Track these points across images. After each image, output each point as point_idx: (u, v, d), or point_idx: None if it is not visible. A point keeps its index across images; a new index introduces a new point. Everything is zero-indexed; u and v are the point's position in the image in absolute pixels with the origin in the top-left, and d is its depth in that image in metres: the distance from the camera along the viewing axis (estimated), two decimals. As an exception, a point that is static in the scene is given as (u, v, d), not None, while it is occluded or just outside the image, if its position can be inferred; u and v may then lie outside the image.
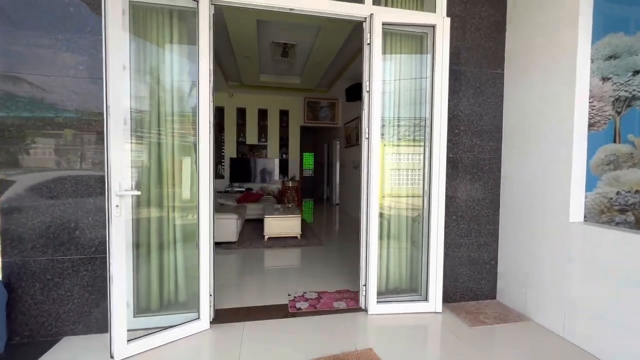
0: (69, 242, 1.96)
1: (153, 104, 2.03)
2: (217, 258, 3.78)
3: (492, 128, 2.50)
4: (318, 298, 2.57)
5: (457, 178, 2.46)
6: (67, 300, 1.97)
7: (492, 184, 2.52)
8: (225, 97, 7.40)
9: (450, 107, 2.38)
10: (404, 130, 2.45)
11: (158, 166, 2.05)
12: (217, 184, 7.44)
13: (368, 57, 2.23)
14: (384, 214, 2.42)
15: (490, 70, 2.48)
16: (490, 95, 2.49)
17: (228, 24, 3.96)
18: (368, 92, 2.26)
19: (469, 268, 2.52)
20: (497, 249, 2.55)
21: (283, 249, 4.19)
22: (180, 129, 2.14)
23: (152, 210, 2.10)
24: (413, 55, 2.41)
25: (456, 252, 2.49)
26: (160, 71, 2.04)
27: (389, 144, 2.41)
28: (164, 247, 2.11)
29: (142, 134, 2.03)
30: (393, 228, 2.47)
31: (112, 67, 1.64)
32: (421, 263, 2.45)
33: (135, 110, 2.01)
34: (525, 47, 2.31)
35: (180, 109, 2.12)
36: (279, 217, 4.57)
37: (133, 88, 1.96)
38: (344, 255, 3.91)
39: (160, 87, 2.04)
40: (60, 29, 1.90)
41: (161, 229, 2.09)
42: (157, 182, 2.08)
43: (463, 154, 2.46)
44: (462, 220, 2.49)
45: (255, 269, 3.37)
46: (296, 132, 7.99)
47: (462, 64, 2.43)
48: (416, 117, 2.43)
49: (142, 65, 2.02)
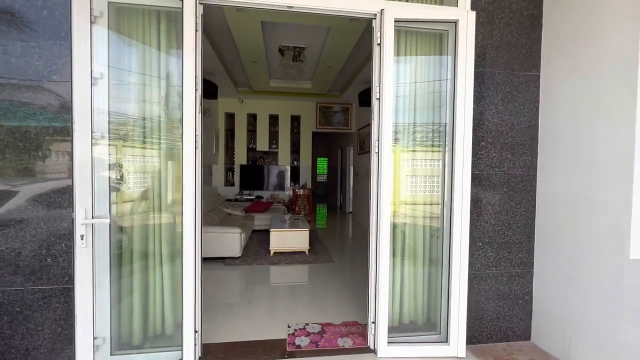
0: (40, 270, 1.76)
1: (138, 113, 1.82)
2: (218, 274, 3.56)
3: (525, 140, 2.13)
4: (321, 332, 2.27)
5: (484, 198, 2.10)
6: (38, 336, 1.77)
7: (525, 205, 2.14)
8: (235, 103, 7.26)
9: (475, 116, 2.04)
10: (420, 137, 2.13)
11: (145, 181, 1.83)
12: (227, 191, 7.30)
13: (378, 59, 1.93)
14: (396, 227, 2.12)
15: (523, 73, 2.11)
16: (523, 102, 2.12)
17: (232, 27, 3.76)
18: (378, 100, 1.96)
19: (498, 303, 2.15)
20: (532, 282, 2.17)
21: (289, 265, 3.91)
22: (169, 140, 1.92)
23: (135, 232, 1.89)
24: (431, 57, 2.09)
25: (483, 285, 2.13)
26: (147, 77, 1.82)
27: (405, 149, 2.11)
28: (148, 271, 1.89)
29: (125, 147, 1.82)
30: (408, 245, 2.15)
31: (78, 76, 1.43)
32: (440, 291, 2.11)
33: (117, 121, 1.80)
34: (568, 43, 1.94)
35: (168, 118, 1.90)
36: (285, 230, 4.30)
37: (116, 96, 1.76)
38: (355, 275, 3.58)
39: (147, 95, 1.83)
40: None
41: (146, 251, 1.87)
42: (144, 199, 1.86)
43: (490, 170, 2.10)
44: (490, 247, 2.12)
45: (256, 290, 3.11)
46: (308, 138, 7.74)
47: (489, 65, 2.08)
48: (434, 123, 2.11)
49: (126, 71, 1.81)
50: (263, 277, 3.51)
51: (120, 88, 1.80)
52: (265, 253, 4.34)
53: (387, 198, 1.95)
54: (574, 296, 1.88)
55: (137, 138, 1.87)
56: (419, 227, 2.18)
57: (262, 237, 5.18)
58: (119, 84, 1.81)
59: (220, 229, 3.94)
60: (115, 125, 1.80)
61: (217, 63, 4.79)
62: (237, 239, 3.93)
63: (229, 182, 7.45)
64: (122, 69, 1.81)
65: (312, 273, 3.69)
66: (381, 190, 1.94)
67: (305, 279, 3.57)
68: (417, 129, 2.13)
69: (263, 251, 4.43)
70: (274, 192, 7.53)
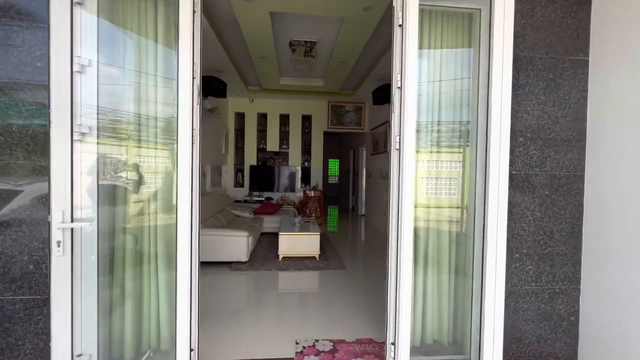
0: (21, 278, 1.59)
1: (130, 107, 1.64)
2: (223, 280, 3.36)
3: (571, 135, 1.84)
4: (333, 351, 2.03)
5: (522, 203, 1.82)
6: (18, 351, 1.59)
7: (571, 211, 1.85)
8: (245, 102, 7.12)
9: (512, 107, 1.76)
10: (445, 133, 1.87)
11: (138, 181, 1.64)
12: (236, 192, 7.15)
13: (400, 42, 1.68)
14: (418, 233, 1.86)
15: (569, 57, 1.82)
16: (568, 90, 1.83)
17: (240, 21, 3.58)
18: (399, 89, 1.71)
19: (538, 325, 1.85)
20: (579, 301, 1.86)
21: (298, 271, 3.69)
22: (166, 137, 1.73)
23: (127, 236, 1.70)
24: (459, 38, 1.83)
25: (520, 303, 1.84)
26: (141, 68, 1.63)
27: (423, 150, 1.85)
28: (142, 280, 1.70)
29: (114, 143, 1.64)
30: (431, 254, 1.89)
31: (56, 65, 1.24)
32: (471, 308, 1.84)
33: (108, 117, 1.62)
34: (621, 24, 1.65)
35: (164, 114, 1.71)
36: (295, 234, 4.08)
37: (106, 88, 1.58)
38: (369, 283, 3.32)
39: (141, 87, 1.64)
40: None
41: (139, 257, 1.68)
42: (138, 200, 1.67)
43: (529, 170, 1.82)
44: (529, 259, 1.84)
45: (262, 298, 2.90)
46: (319, 138, 7.52)
47: (529, 48, 1.80)
48: (461, 119, 1.85)
49: (119, 60, 1.63)
50: (270, 284, 3.30)
51: (110, 79, 1.62)
52: (273, 257, 4.13)
53: (409, 201, 1.70)
54: (629, 319, 1.57)
55: (130, 134, 1.68)
56: (444, 234, 1.92)
57: (271, 240, 4.98)
58: (109, 75, 1.63)
59: (226, 232, 3.75)
60: (105, 120, 1.62)
61: (225, 60, 4.63)
62: (244, 243, 3.73)
63: (238, 183, 7.30)
64: (113, 58, 1.63)
65: (322, 281, 3.45)
66: (402, 192, 1.69)
67: (316, 287, 3.34)
68: (442, 125, 1.87)
69: (271, 255, 4.22)
70: (284, 193, 7.34)
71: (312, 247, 4.08)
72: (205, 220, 4.04)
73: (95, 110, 1.56)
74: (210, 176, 5.75)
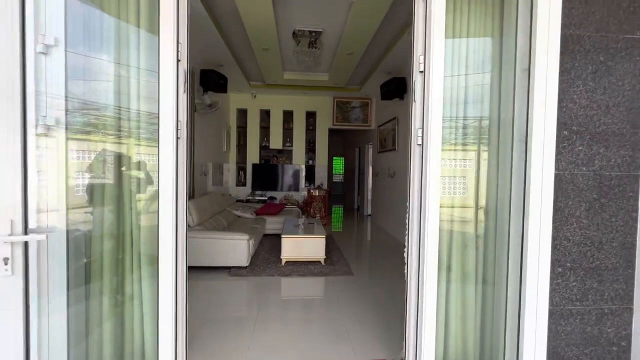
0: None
1: (107, 97, 1.39)
2: (221, 286, 3.13)
3: (624, 128, 1.56)
4: (341, 376, 1.78)
5: (565, 208, 1.54)
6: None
7: (623, 217, 1.57)
8: (248, 98, 6.88)
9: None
10: (469, 130, 1.60)
11: (116, 182, 1.40)
12: (238, 192, 6.93)
13: (423, 14, 1.42)
14: (441, 239, 1.59)
15: (624, 36, 1.54)
16: (622, 75, 1.55)
17: (240, 7, 3.32)
18: (422, 73, 1.45)
19: (584, 350, 1.58)
20: (632, 323, 1.59)
21: (302, 278, 3.44)
22: (149, 134, 1.48)
23: (104, 244, 1.46)
24: (490, 17, 1.56)
25: (562, 325, 1.57)
26: (121, 52, 1.39)
27: (447, 146, 1.59)
28: (124, 295, 1.46)
29: (88, 138, 1.40)
30: (454, 263, 1.62)
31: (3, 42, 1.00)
32: (504, 326, 1.58)
33: (80, 108, 1.39)
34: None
35: (147, 105, 1.46)
36: (299, 237, 3.83)
37: (75, 73, 1.35)
38: (379, 292, 3.06)
39: (120, 74, 1.40)
40: None
41: (119, 266, 1.44)
42: (111, 203, 1.44)
43: (575, 170, 1.54)
44: (573, 274, 1.56)
45: (263, 307, 2.66)
46: (324, 135, 7.26)
47: (576, 25, 1.52)
48: (493, 113, 1.57)
49: (91, 41, 1.39)
50: (272, 292, 3.05)
51: (78, 60, 1.38)
52: (276, 261, 3.88)
53: (434, 203, 1.44)
54: None
55: (106, 128, 1.44)
56: (470, 240, 1.65)
57: (274, 242, 4.74)
58: (80, 60, 1.39)
59: (225, 235, 3.52)
60: (76, 112, 1.38)
61: (225, 52, 4.39)
62: (245, 247, 3.49)
63: (240, 182, 7.07)
64: (83, 37, 1.39)
65: (328, 288, 3.20)
66: (426, 193, 1.43)
67: (321, 295, 3.09)
68: (468, 120, 1.60)
69: (274, 259, 3.97)
70: (288, 193, 7.10)
71: (317, 251, 3.83)
72: (204, 221, 3.81)
73: (63, 100, 1.32)
74: (211, 175, 5.53)
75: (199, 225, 3.63)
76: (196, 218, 3.59)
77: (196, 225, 3.60)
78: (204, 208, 3.94)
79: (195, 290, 3.02)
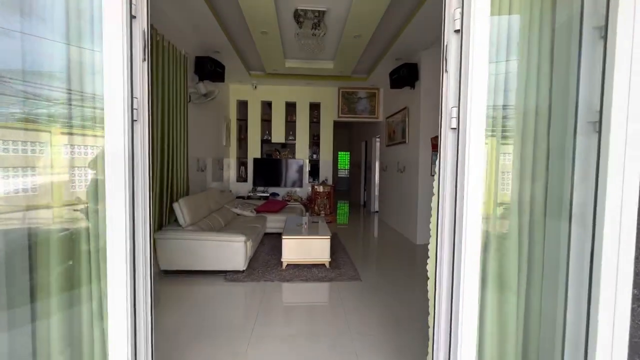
0: None
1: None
2: (215, 293, 2.81)
3: None
4: (350, 416, 1.44)
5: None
6: None
7: None
8: (248, 89, 6.53)
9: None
10: (516, 115, 1.24)
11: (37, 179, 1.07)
12: (239, 187, 6.62)
13: (464, -50, 1.04)
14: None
15: None
16: None
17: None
18: (458, 33, 1.09)
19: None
20: None
21: (304, 283, 3.11)
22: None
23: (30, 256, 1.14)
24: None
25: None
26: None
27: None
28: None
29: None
30: (500, 275, 1.27)
31: None
32: (562, 355, 1.24)
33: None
34: None
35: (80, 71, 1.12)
36: (301, 237, 3.50)
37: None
38: (390, 301, 2.72)
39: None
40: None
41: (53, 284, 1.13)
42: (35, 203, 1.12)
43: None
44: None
45: (260, 319, 2.34)
46: (329, 128, 6.89)
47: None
48: (557, 96, 1.20)
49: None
50: (271, 300, 2.73)
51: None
52: (276, 264, 3.56)
53: (474, 202, 1.08)
54: None
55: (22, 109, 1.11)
56: (512, 247, 1.29)
57: (275, 242, 4.42)
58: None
59: (220, 237, 3.20)
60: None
61: (221, 37, 4.03)
62: (242, 249, 3.17)
63: (241, 177, 6.76)
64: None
65: (333, 296, 2.87)
66: (466, 189, 1.07)
67: (325, 302, 2.77)
68: (511, 95, 1.23)
69: (274, 262, 3.65)
70: (291, 189, 6.77)
71: (322, 253, 3.50)
72: (198, 221, 3.50)
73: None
74: (211, 170, 5.21)
75: (191, 225, 3.32)
76: (188, 218, 3.27)
77: (188, 225, 3.28)
78: (198, 206, 3.63)
79: (187, 298, 2.72)
